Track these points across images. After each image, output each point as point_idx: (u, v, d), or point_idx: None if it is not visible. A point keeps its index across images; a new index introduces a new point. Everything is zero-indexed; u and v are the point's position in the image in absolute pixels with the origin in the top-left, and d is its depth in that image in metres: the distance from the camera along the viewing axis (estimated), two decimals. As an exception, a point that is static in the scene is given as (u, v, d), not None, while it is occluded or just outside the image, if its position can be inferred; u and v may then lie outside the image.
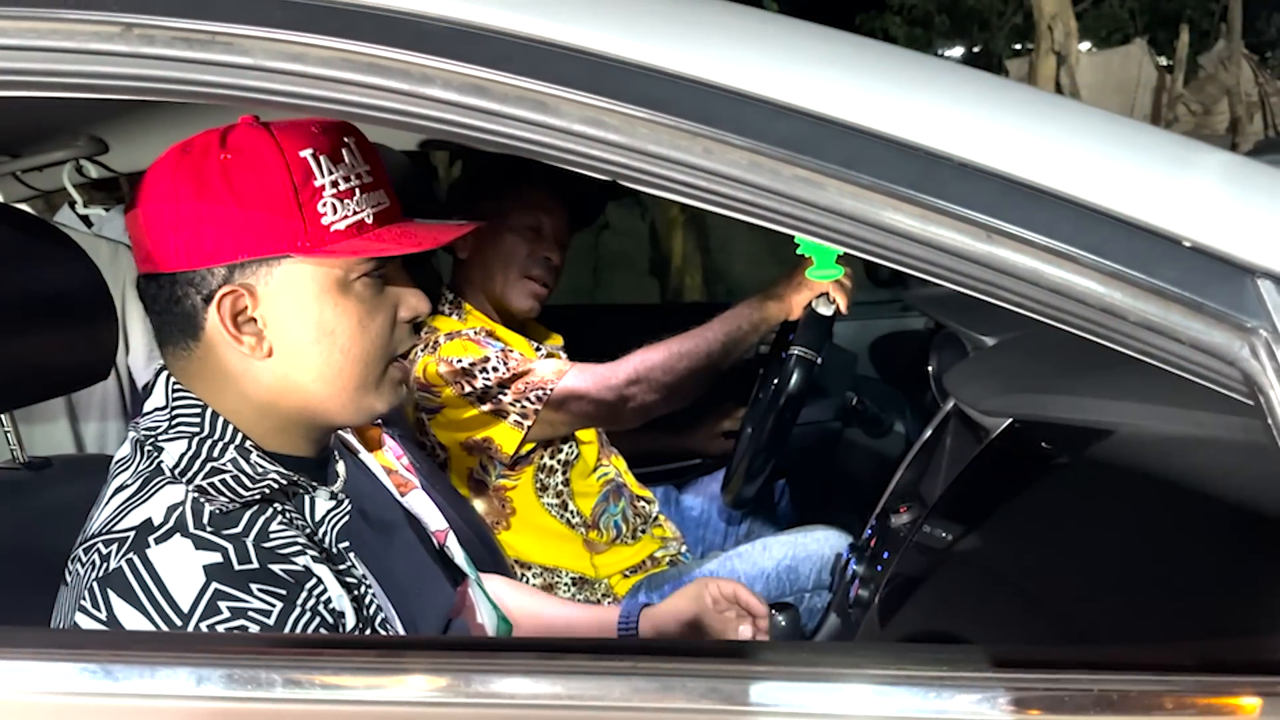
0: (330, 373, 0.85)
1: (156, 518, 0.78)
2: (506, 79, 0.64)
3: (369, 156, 0.85)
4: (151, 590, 0.74)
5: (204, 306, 0.82)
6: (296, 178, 0.80)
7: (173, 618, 0.73)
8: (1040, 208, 0.59)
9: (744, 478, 1.58)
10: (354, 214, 0.82)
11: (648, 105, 0.62)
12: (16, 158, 1.67)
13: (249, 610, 0.75)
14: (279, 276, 0.82)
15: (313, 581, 0.80)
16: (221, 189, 0.79)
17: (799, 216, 0.62)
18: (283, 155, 0.79)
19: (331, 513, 0.89)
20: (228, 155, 0.79)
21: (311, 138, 0.81)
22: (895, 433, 1.87)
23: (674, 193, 0.65)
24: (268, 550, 0.79)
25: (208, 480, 0.81)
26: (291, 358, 0.84)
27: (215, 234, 0.79)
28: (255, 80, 0.67)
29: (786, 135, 0.60)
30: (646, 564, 1.69)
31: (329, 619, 0.80)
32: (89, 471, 1.16)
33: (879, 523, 1.41)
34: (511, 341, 1.63)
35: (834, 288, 1.52)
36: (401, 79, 0.65)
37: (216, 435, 0.83)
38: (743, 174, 0.61)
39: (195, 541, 0.77)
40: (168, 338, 0.86)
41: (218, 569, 0.76)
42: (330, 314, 0.83)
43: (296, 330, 0.83)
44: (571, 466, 1.66)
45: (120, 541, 0.77)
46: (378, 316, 0.86)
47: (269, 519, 0.81)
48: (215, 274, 0.81)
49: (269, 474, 0.83)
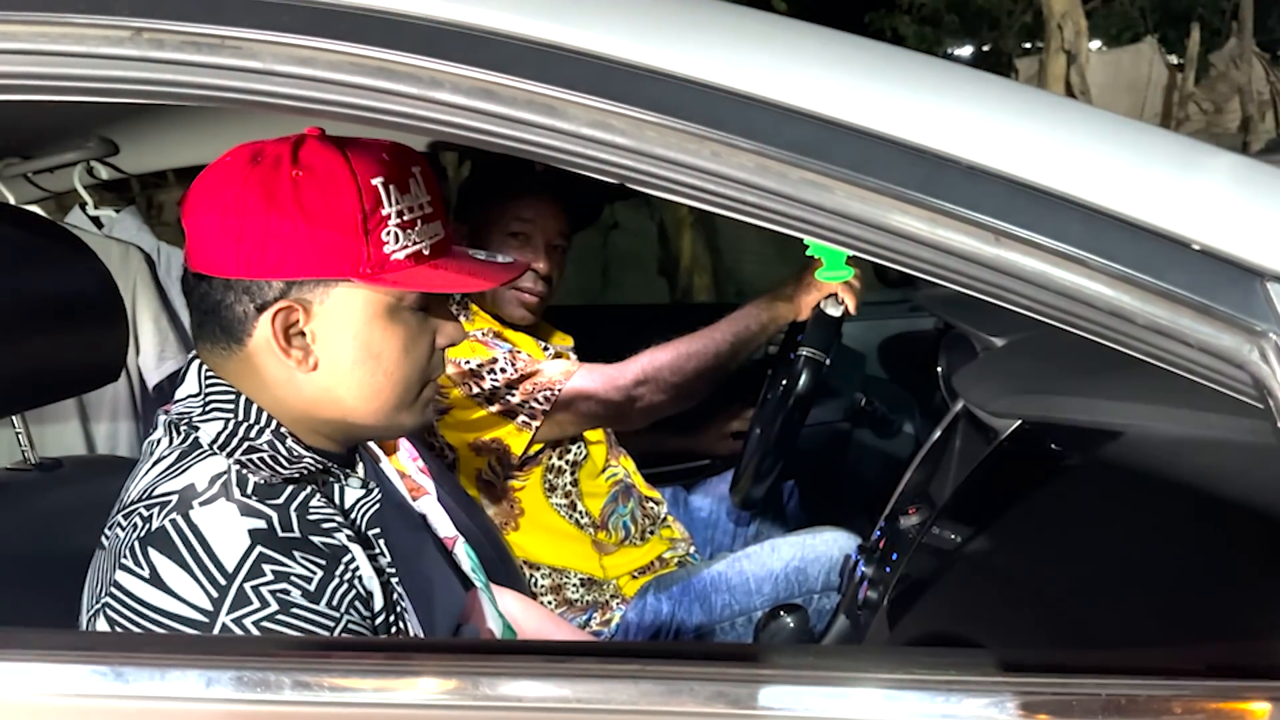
0: (370, 392, 0.86)
1: (200, 484, 0.80)
2: (515, 83, 0.64)
3: (430, 187, 0.86)
4: (196, 549, 0.76)
5: (255, 315, 0.83)
6: (367, 204, 0.80)
7: (216, 576, 0.75)
8: (1048, 210, 0.59)
9: (752, 478, 1.58)
10: (414, 244, 0.83)
11: (655, 109, 0.62)
12: (28, 159, 1.68)
13: (292, 575, 0.77)
14: (334, 297, 0.83)
15: (349, 556, 0.82)
16: (291, 206, 0.79)
17: (807, 220, 0.62)
18: (355, 181, 0.80)
19: (361, 500, 0.90)
20: (299, 172, 0.80)
21: (384, 166, 0.82)
22: (904, 434, 1.86)
23: (682, 196, 0.65)
24: (309, 522, 0.81)
25: (247, 456, 0.83)
26: (334, 374, 0.85)
27: (280, 249, 0.80)
28: (265, 84, 0.67)
29: (794, 138, 0.60)
30: (655, 565, 1.69)
31: (362, 592, 0.82)
32: (100, 472, 1.17)
33: (888, 524, 1.41)
34: (519, 342, 1.63)
35: (843, 288, 1.52)
36: (411, 83, 0.65)
37: (252, 420, 0.85)
38: (750, 177, 0.61)
39: (240, 508, 0.79)
40: (208, 335, 0.86)
41: (262, 534, 0.77)
42: (378, 338, 0.85)
43: (344, 349, 0.84)
44: (580, 467, 1.66)
45: (162, 504, 0.79)
46: (420, 343, 0.88)
47: (309, 495, 0.84)
48: (273, 286, 0.82)
49: (305, 458, 0.85)
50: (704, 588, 1.60)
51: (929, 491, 1.42)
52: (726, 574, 1.60)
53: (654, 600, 1.61)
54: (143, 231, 1.86)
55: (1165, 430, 1.06)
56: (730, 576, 1.59)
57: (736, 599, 1.58)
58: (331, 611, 0.78)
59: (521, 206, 1.62)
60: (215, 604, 0.75)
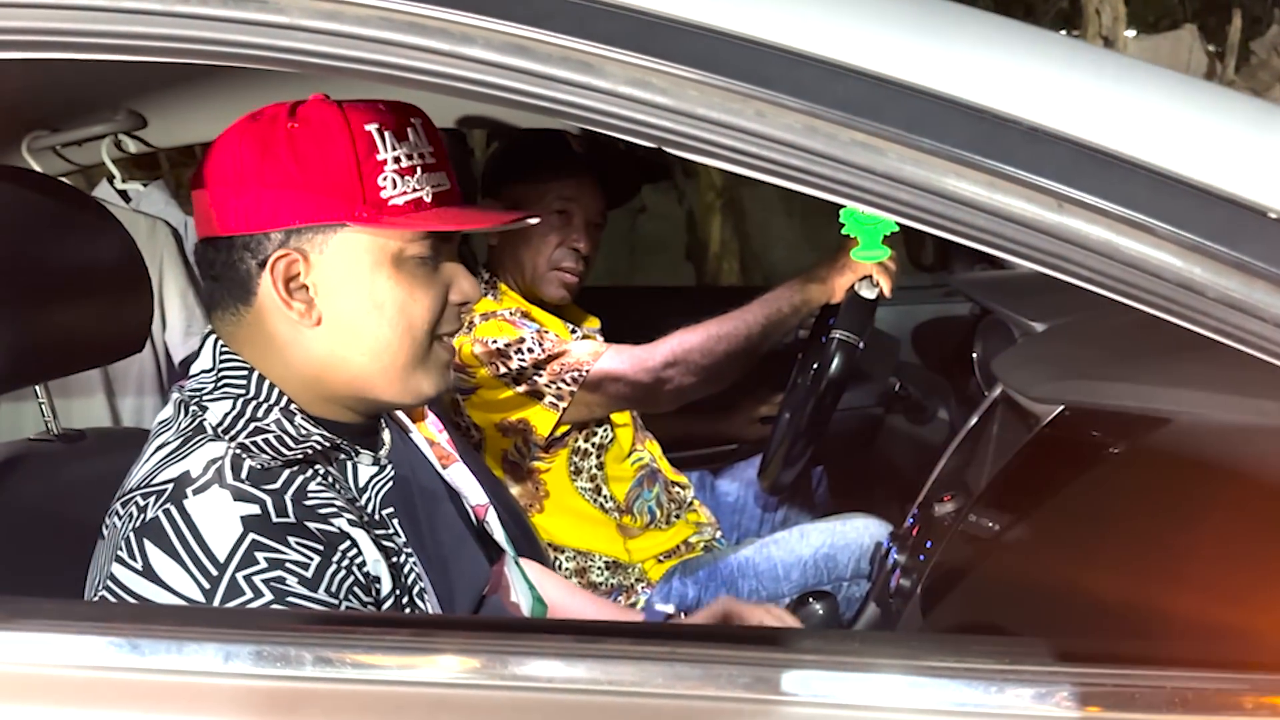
0: (378, 347, 0.85)
1: (195, 470, 0.79)
2: (550, 38, 0.61)
3: (433, 139, 0.86)
4: (188, 540, 0.75)
5: (258, 271, 0.83)
6: (360, 149, 0.80)
7: (208, 567, 0.74)
8: (1115, 175, 0.56)
9: (782, 463, 1.55)
10: (413, 191, 0.82)
11: (698, 65, 0.59)
12: (56, 132, 1.67)
13: (286, 561, 0.75)
14: (334, 245, 0.82)
15: (346, 544, 0.80)
16: (285, 155, 0.80)
17: (856, 185, 0.59)
18: (348, 127, 0.80)
19: (375, 479, 0.89)
20: (295, 124, 0.80)
21: (378, 114, 0.82)
22: (939, 420, 1.82)
23: (724, 159, 0.62)
24: (305, 508, 0.79)
25: (250, 439, 0.81)
26: (340, 329, 0.84)
27: (274, 198, 0.80)
28: (291, 40, 0.65)
29: (845, 97, 0.57)
30: (681, 549, 1.67)
31: (362, 580, 0.80)
32: (122, 444, 1.15)
33: (921, 511, 1.38)
34: (547, 323, 1.60)
35: (878, 270, 1.48)
36: (441, 38, 0.62)
37: (262, 397, 0.84)
38: (797, 138, 0.58)
39: (233, 493, 0.77)
40: (219, 302, 0.86)
41: (255, 520, 0.76)
42: (382, 287, 0.83)
43: (347, 301, 0.83)
44: (606, 450, 1.64)
45: (158, 493, 0.78)
46: (428, 294, 0.86)
47: (308, 479, 0.82)
48: (271, 238, 0.82)
49: (312, 436, 0.84)
50: (730, 573, 1.57)
51: (964, 478, 1.38)
52: (754, 559, 1.57)
53: (679, 585, 1.58)
54: (170, 205, 1.85)
55: (1215, 417, 1.02)
56: (758, 562, 1.57)
57: (764, 585, 1.55)
58: (329, 599, 0.76)
59: (563, 184, 1.61)
60: (207, 595, 0.73)
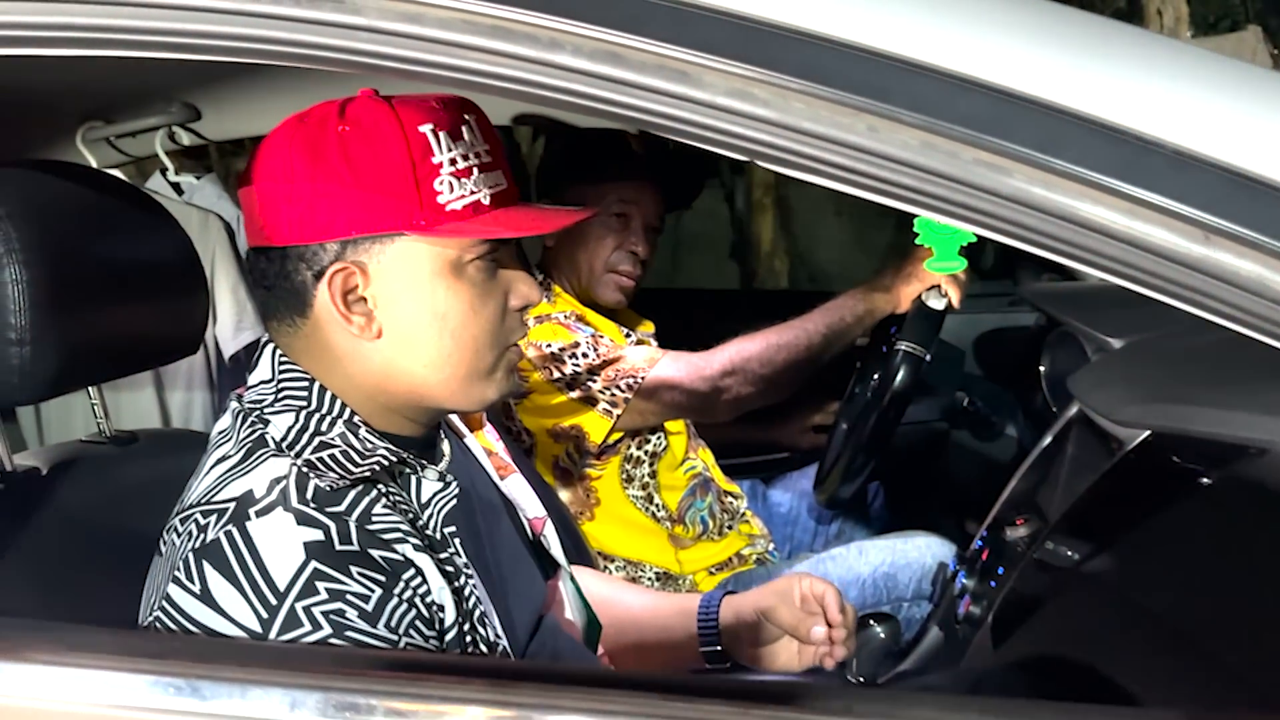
0: (440, 359, 0.81)
1: (259, 490, 0.75)
2: (644, 44, 0.57)
3: (488, 136, 0.81)
4: (248, 565, 0.71)
5: (314, 283, 0.79)
6: (415, 153, 0.76)
7: (267, 594, 0.70)
8: (1269, 205, 0.51)
9: (841, 477, 1.50)
10: (470, 194, 0.78)
11: (805, 76, 0.55)
12: (110, 123, 1.66)
13: (347, 593, 0.72)
14: (391, 255, 0.78)
15: (410, 572, 0.76)
16: (338, 162, 0.76)
17: (977, 208, 0.54)
18: (402, 129, 0.76)
19: (438, 495, 0.85)
20: (345, 127, 0.76)
21: (431, 113, 0.77)
22: (1006, 437, 1.76)
23: (829, 177, 0.57)
24: (369, 534, 0.75)
25: (315, 455, 0.78)
26: (401, 341, 0.80)
27: (329, 208, 0.76)
28: (366, 43, 0.61)
29: (968, 112, 0.53)
30: (733, 561, 1.63)
31: (425, 612, 0.76)
32: (175, 447, 1.13)
33: (991, 534, 1.32)
34: (601, 327, 1.57)
35: (946, 280, 1.43)
36: (527, 44, 0.59)
37: (324, 410, 0.81)
38: (914, 157, 0.54)
39: (297, 516, 0.73)
40: (274, 313, 0.83)
41: (318, 547, 0.72)
42: (442, 296, 0.80)
43: (407, 312, 0.80)
44: (659, 458, 1.60)
45: (220, 512, 0.74)
46: (490, 302, 0.82)
47: (373, 501, 0.78)
48: (327, 250, 0.78)
49: (378, 451, 0.80)
50: (785, 589, 1.52)
51: (1037, 501, 1.33)
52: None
53: (733, 598, 1.54)
54: (223, 199, 1.84)
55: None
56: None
57: (820, 603, 1.50)
58: (389, 634, 0.73)
59: (623, 187, 1.57)
60: (264, 625, 0.70)
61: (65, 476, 0.98)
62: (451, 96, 0.80)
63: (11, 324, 0.83)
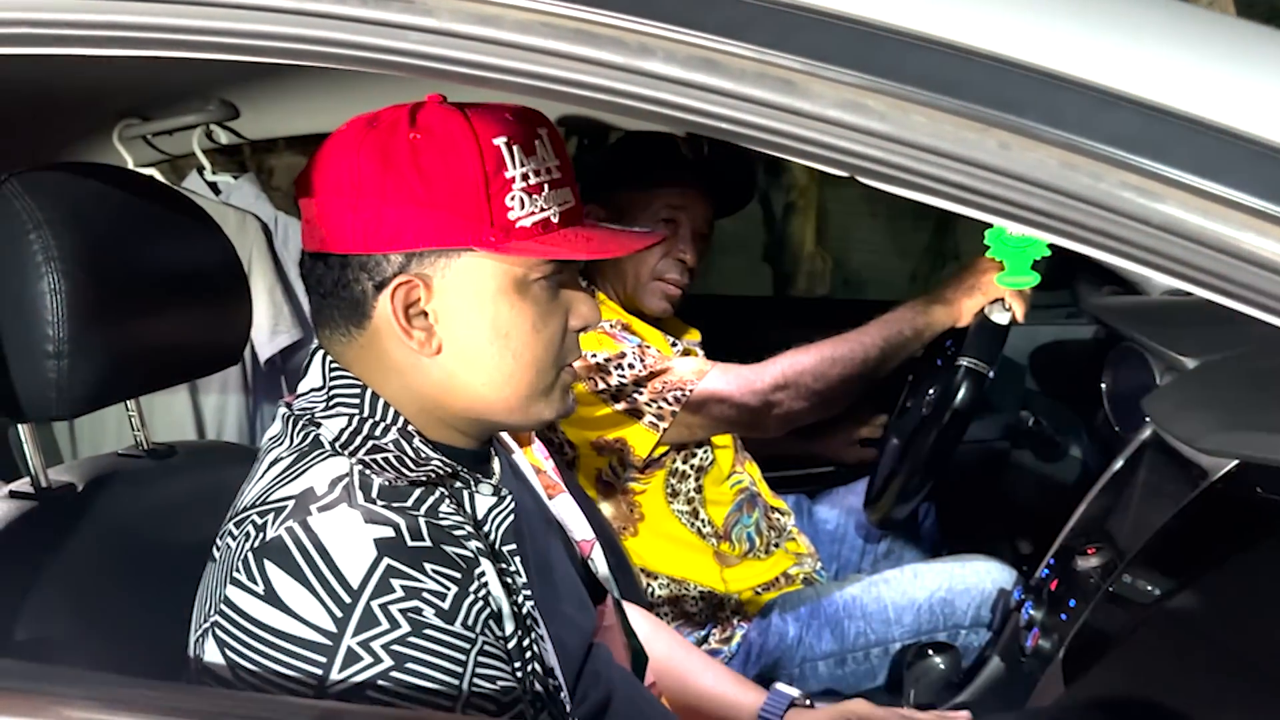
0: (500, 377, 0.78)
1: (320, 487, 0.72)
2: (744, 50, 0.52)
3: (559, 150, 0.78)
4: (315, 560, 0.68)
5: (374, 294, 0.76)
6: (488, 167, 0.72)
7: (340, 592, 0.67)
8: None
9: (896, 497, 1.44)
10: (541, 210, 0.75)
11: (927, 86, 0.49)
12: (147, 121, 1.63)
13: (424, 591, 0.68)
14: (457, 270, 0.75)
15: (479, 569, 0.73)
16: (409, 172, 0.72)
17: (1120, 236, 0.48)
18: (476, 141, 0.72)
19: (494, 510, 0.81)
20: (417, 135, 0.73)
21: (506, 125, 0.74)
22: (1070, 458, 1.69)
23: (950, 198, 0.52)
24: (440, 528, 0.72)
25: (370, 456, 0.75)
26: (461, 357, 0.77)
27: (397, 218, 0.73)
28: (438, 47, 0.56)
29: (1115, 131, 0.47)
30: (780, 581, 1.57)
31: (495, 610, 0.74)
32: (216, 461, 1.09)
33: (1059, 563, 1.26)
34: (648, 336, 1.52)
35: (1011, 293, 1.36)
36: (615, 49, 0.54)
37: (378, 417, 0.78)
38: (1049, 178, 0.48)
39: (364, 514, 0.70)
40: (328, 320, 0.80)
41: (389, 543, 0.69)
42: (506, 315, 0.77)
43: (469, 329, 0.77)
44: (705, 473, 1.55)
45: (277, 510, 0.71)
46: (552, 321, 0.79)
47: (438, 500, 0.75)
48: (391, 261, 0.75)
49: (431, 461, 0.77)
50: (835, 612, 1.47)
51: (1107, 529, 1.26)
52: (862, 599, 1.47)
53: (779, 621, 1.49)
54: (260, 200, 1.80)
55: None
56: (866, 602, 1.46)
57: (873, 627, 1.45)
58: (466, 632, 0.70)
59: (672, 193, 1.52)
60: (339, 625, 0.67)
61: (101, 492, 0.94)
62: (523, 108, 0.77)
63: (49, 335, 0.80)
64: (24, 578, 0.81)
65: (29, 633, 0.78)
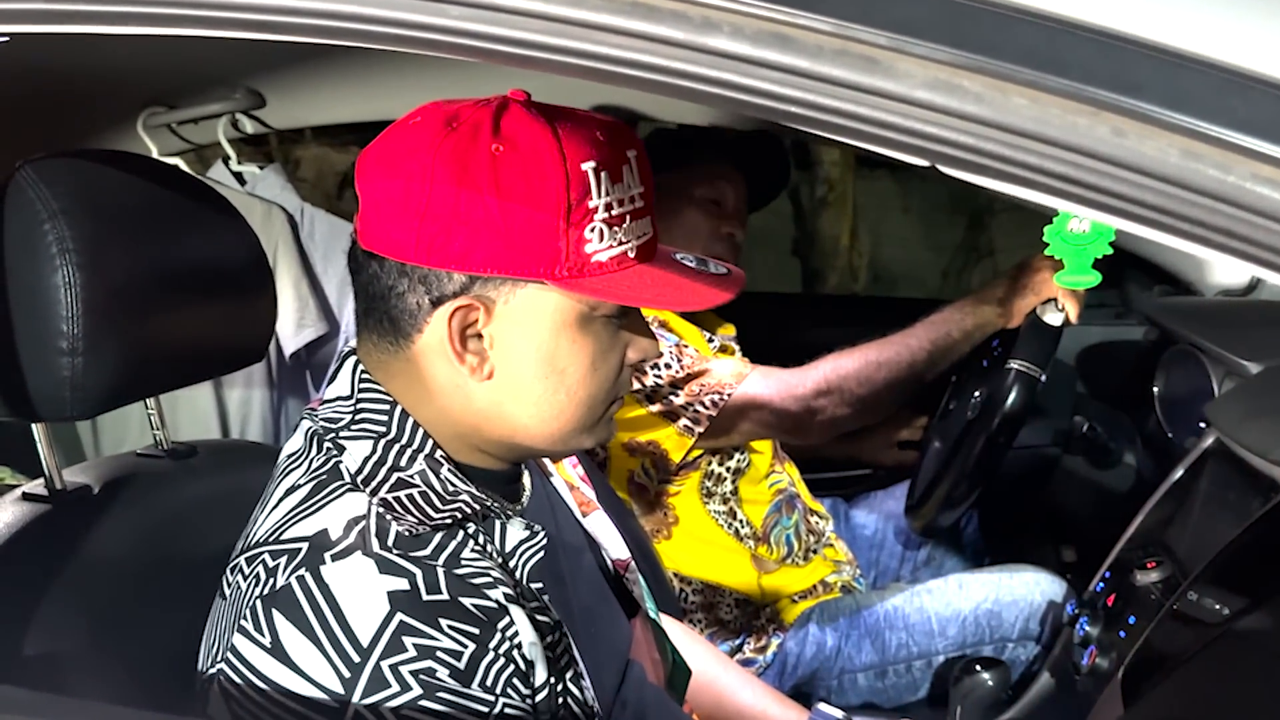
0: (549, 412, 0.73)
1: (335, 530, 0.68)
2: (821, 24, 0.47)
3: (644, 176, 0.72)
4: (325, 615, 0.64)
5: (429, 309, 0.70)
6: (573, 194, 0.66)
7: (349, 651, 0.63)
8: None
9: (941, 504, 1.38)
10: (619, 245, 0.69)
11: (1030, 65, 0.44)
12: (172, 109, 1.60)
13: (438, 650, 0.65)
14: (521, 299, 0.70)
15: (505, 620, 0.69)
16: (487, 188, 0.66)
17: (1247, 236, 0.43)
18: (564, 163, 0.66)
19: (524, 544, 0.77)
20: (500, 147, 0.66)
21: (596, 147, 0.68)
22: (1123, 466, 1.62)
23: (1050, 191, 0.46)
24: (459, 579, 0.68)
25: (393, 494, 0.70)
26: (510, 388, 0.72)
27: (468, 236, 0.67)
28: (481, 24, 0.52)
29: (1248, 116, 0.42)
30: (818, 589, 1.51)
31: (521, 665, 0.69)
32: (238, 461, 1.05)
33: (1115, 577, 1.20)
34: (685, 334, 1.46)
35: (1064, 293, 1.30)
36: (676, 24, 0.49)
37: (405, 440, 0.73)
38: (1172, 170, 0.43)
39: (379, 563, 0.66)
40: (371, 327, 0.74)
41: (404, 597, 0.65)
42: (565, 350, 0.72)
43: (524, 359, 0.71)
44: (742, 474, 1.49)
45: (290, 554, 0.67)
46: (610, 358, 0.74)
47: (460, 544, 0.71)
48: (454, 279, 0.69)
49: (461, 494, 0.72)
50: (876, 622, 1.42)
51: (1166, 542, 1.20)
52: (904, 610, 1.41)
53: (817, 631, 1.44)
54: (286, 190, 1.76)
55: None
56: (908, 613, 1.41)
57: (915, 640, 1.39)
58: (484, 694, 0.66)
59: (714, 171, 1.48)
60: (347, 686, 0.63)
61: (118, 494, 0.90)
62: (616, 124, 0.71)
63: (63, 331, 0.76)
64: (37, 584, 0.78)
65: (39, 643, 0.74)
